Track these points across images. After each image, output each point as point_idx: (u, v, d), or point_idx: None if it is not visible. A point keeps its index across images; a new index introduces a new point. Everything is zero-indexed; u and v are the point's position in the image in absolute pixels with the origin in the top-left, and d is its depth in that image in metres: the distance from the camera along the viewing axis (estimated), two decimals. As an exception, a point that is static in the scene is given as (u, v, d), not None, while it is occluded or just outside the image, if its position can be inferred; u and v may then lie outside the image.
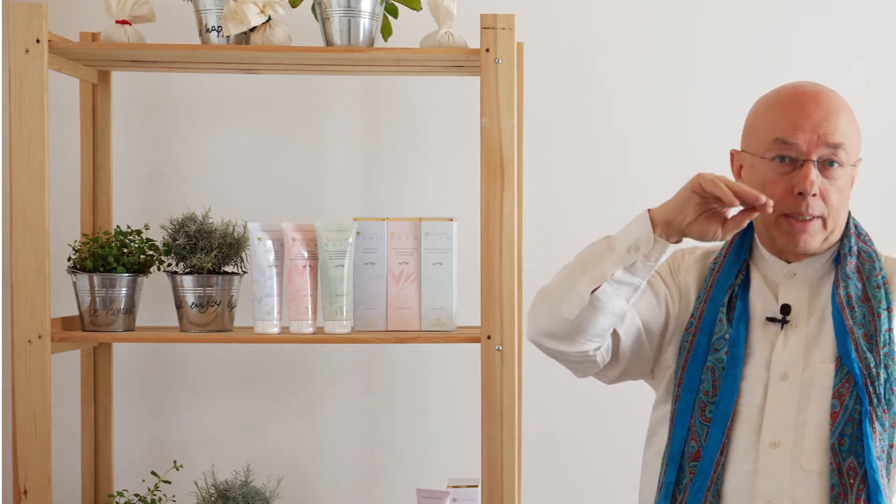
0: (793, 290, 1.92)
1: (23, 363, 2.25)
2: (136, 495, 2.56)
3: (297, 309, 2.34)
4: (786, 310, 1.91)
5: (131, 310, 2.42)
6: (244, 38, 2.37)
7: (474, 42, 2.34)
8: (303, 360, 2.74)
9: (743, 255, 1.96)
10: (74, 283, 2.40)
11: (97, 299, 2.38)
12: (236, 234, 2.42)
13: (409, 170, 2.73)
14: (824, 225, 1.88)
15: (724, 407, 1.86)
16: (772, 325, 1.91)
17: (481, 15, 2.28)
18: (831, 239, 1.92)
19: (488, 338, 2.28)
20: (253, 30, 2.35)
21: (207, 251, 2.37)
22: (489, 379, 2.28)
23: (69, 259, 2.42)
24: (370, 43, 2.36)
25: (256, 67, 2.51)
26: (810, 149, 1.85)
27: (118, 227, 2.46)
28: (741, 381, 1.88)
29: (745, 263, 1.96)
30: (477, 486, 2.48)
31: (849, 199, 1.92)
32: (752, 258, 1.97)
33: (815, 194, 1.85)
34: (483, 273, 2.28)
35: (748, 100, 1.98)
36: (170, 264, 2.43)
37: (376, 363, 2.75)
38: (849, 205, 1.93)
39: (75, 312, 2.45)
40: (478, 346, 2.31)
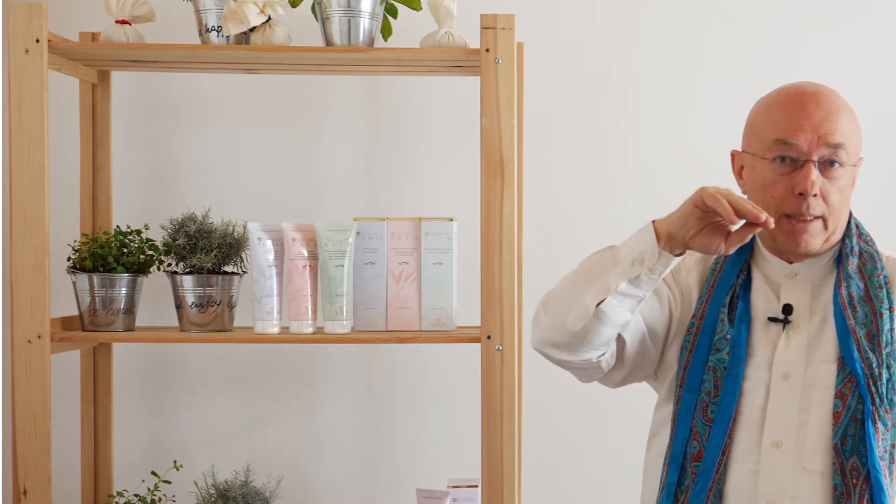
0: (794, 291, 1.92)
1: (23, 363, 2.25)
2: (135, 495, 2.56)
3: (297, 309, 2.34)
4: (787, 310, 1.91)
5: (131, 310, 2.41)
6: (244, 38, 2.37)
7: (474, 42, 2.34)
8: (303, 360, 2.74)
9: (744, 256, 1.95)
10: (74, 283, 2.39)
11: (97, 299, 2.37)
12: (236, 234, 2.42)
13: (409, 170, 2.73)
14: (825, 225, 1.88)
15: (725, 407, 1.86)
16: (773, 326, 1.91)
17: (481, 15, 2.28)
18: (833, 239, 1.91)
19: (488, 338, 2.28)
20: (253, 30, 2.35)
21: (207, 251, 2.36)
22: (489, 379, 2.28)
23: (69, 259, 2.42)
24: (370, 43, 2.36)
25: (256, 67, 2.51)
26: (811, 149, 1.85)
27: (118, 227, 2.46)
28: (743, 381, 1.88)
29: (746, 264, 1.95)
30: (477, 486, 2.48)
31: (850, 200, 1.92)
32: (753, 258, 1.97)
33: (815, 195, 1.84)
34: (483, 273, 2.28)
35: (748, 100, 1.98)
36: (170, 264, 2.43)
37: (376, 363, 2.75)
38: (850, 205, 1.93)
39: (75, 312, 2.44)
40: (478, 346, 2.31)
